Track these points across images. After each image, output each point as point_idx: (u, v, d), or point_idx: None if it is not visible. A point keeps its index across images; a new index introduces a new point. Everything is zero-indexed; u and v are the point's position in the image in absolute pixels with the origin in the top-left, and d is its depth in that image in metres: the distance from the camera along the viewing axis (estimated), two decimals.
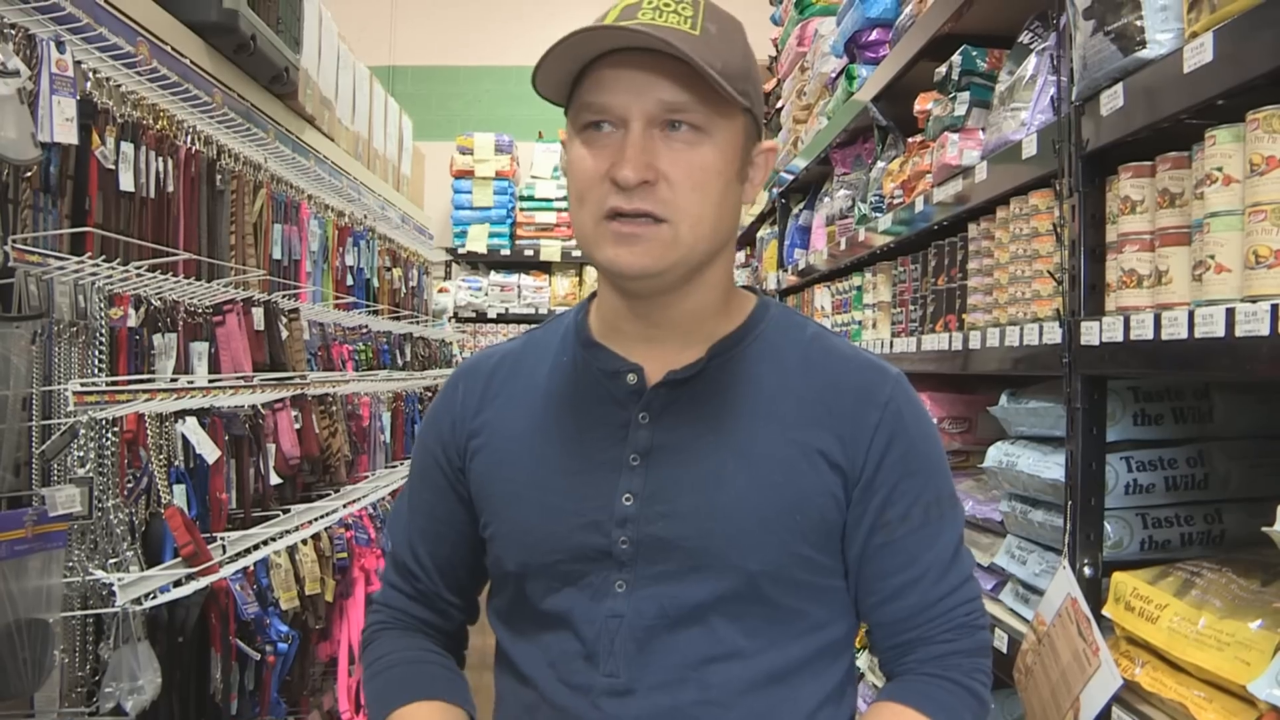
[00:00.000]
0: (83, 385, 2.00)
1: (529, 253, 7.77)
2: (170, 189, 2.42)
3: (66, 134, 1.95)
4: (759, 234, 5.38)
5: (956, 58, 2.27)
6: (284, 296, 3.17)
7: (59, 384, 1.97)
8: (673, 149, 1.14)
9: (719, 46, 1.13)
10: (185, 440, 2.34)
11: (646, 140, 1.13)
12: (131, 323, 2.22)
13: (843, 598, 1.26)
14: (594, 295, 1.32)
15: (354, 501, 3.49)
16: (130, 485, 2.12)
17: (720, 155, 1.16)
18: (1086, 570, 1.63)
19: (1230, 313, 1.23)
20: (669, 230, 1.14)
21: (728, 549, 1.19)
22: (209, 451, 2.37)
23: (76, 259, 1.98)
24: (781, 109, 4.53)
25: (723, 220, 1.19)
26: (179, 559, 2.13)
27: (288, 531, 2.79)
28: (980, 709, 1.24)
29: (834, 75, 3.54)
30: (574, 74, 1.17)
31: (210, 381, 2.51)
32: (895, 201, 2.71)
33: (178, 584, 2.11)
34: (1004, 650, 1.80)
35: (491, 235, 7.72)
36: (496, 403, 1.30)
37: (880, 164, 2.96)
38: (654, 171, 1.13)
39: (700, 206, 1.15)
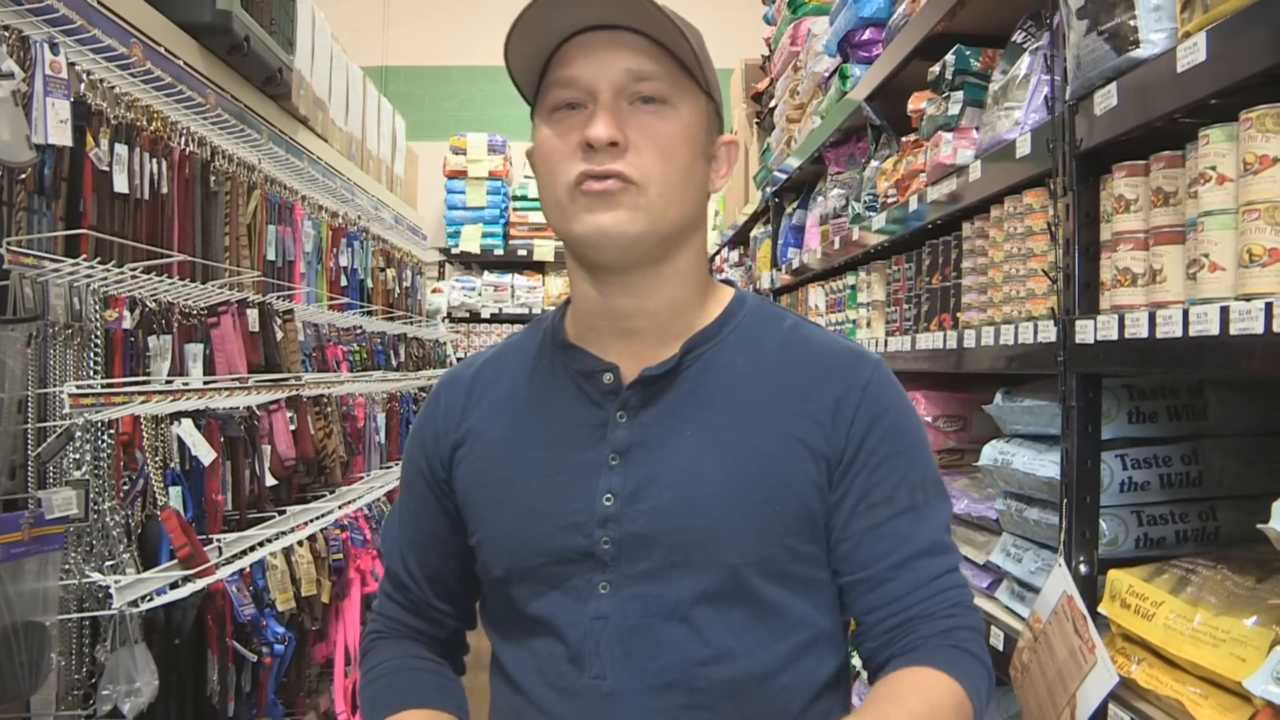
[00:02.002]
0: (78, 387, 2.00)
1: (522, 252, 7.77)
2: (164, 191, 2.42)
3: (61, 136, 1.94)
4: (753, 233, 5.39)
5: (950, 57, 2.27)
6: (278, 298, 3.17)
7: (54, 386, 1.97)
8: (640, 119, 1.17)
9: (683, 26, 1.17)
10: (181, 442, 2.34)
11: (615, 108, 1.16)
12: (126, 325, 2.22)
13: (830, 590, 1.25)
14: (569, 300, 1.32)
15: (349, 503, 3.49)
16: (126, 487, 2.12)
17: (685, 127, 1.19)
18: (1082, 568, 1.64)
19: (1224, 311, 1.24)
20: (638, 192, 1.16)
21: (708, 542, 1.18)
22: (205, 453, 2.37)
23: (71, 261, 1.98)
24: (774, 108, 4.53)
25: (689, 193, 1.21)
26: (175, 561, 2.13)
27: (284, 533, 2.79)
28: (988, 678, 1.21)
29: (827, 74, 3.54)
30: (543, 59, 1.20)
31: (205, 383, 2.51)
32: (889, 200, 2.72)
33: (174, 586, 2.11)
34: (1000, 648, 1.81)
35: (485, 235, 7.73)
36: (478, 411, 1.31)
37: (874, 163, 2.97)
38: (623, 136, 1.15)
39: (667, 173, 1.17)
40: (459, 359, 6.86)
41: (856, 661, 1.62)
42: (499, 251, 7.76)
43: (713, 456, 1.20)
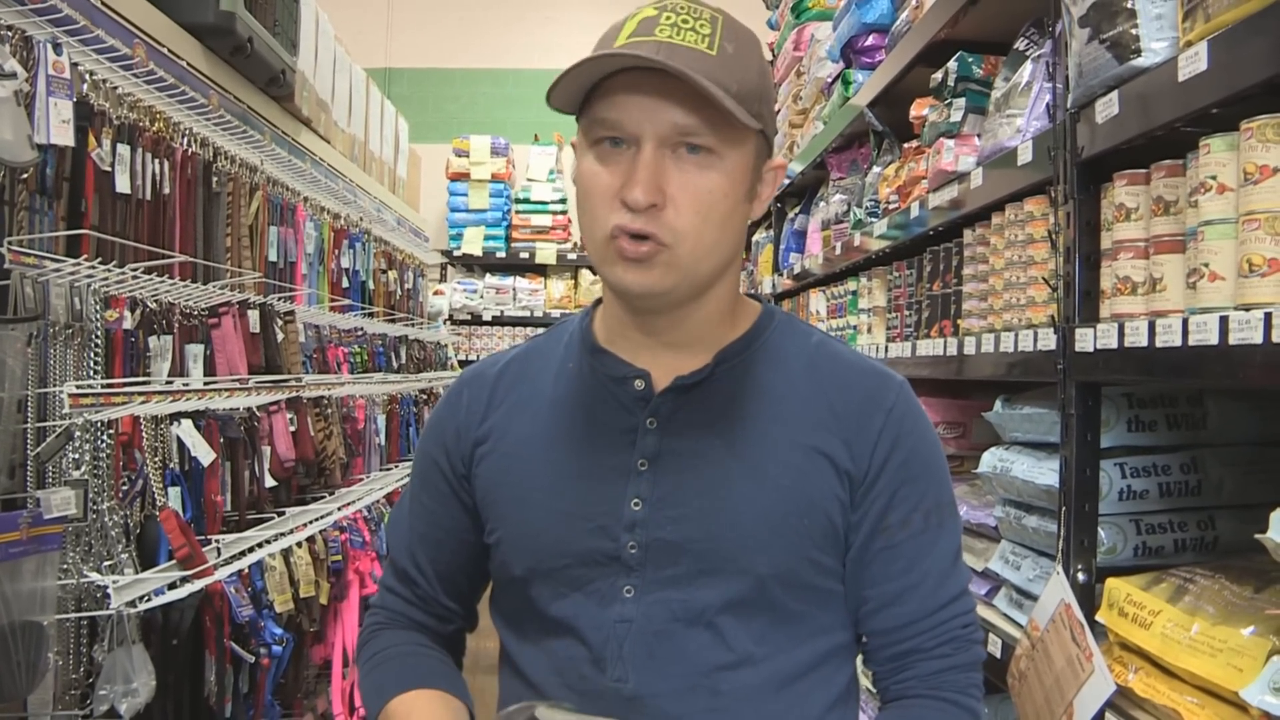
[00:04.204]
0: (78, 387, 2.00)
1: (524, 255, 7.77)
2: (166, 191, 2.42)
3: (63, 136, 1.95)
4: (754, 238, 5.39)
5: (952, 64, 2.27)
6: (280, 299, 3.17)
7: (54, 386, 1.97)
8: (683, 172, 1.14)
9: (734, 67, 1.13)
10: (180, 443, 2.33)
11: (657, 162, 1.13)
12: (127, 325, 2.22)
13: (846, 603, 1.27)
14: (599, 301, 1.32)
15: (349, 504, 3.49)
16: (125, 488, 2.12)
17: (728, 179, 1.16)
18: (1080, 576, 1.64)
19: (1224, 321, 1.24)
20: (669, 254, 1.15)
21: (737, 552, 1.19)
22: (204, 454, 2.37)
23: (72, 261, 1.98)
24: (777, 113, 4.54)
25: (724, 241, 1.19)
26: (174, 561, 2.13)
27: (282, 534, 2.79)
28: None
29: (830, 80, 3.55)
30: (586, 88, 1.18)
31: (206, 384, 2.51)
32: (891, 207, 2.72)
33: (172, 586, 2.11)
34: (998, 655, 1.81)
35: (487, 238, 7.72)
36: (502, 409, 1.31)
37: (876, 169, 2.97)
38: (662, 195, 1.13)
39: (702, 231, 1.15)
40: (460, 361, 6.87)
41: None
42: (501, 254, 7.75)
43: (742, 468, 1.21)
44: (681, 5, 1.15)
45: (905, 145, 2.70)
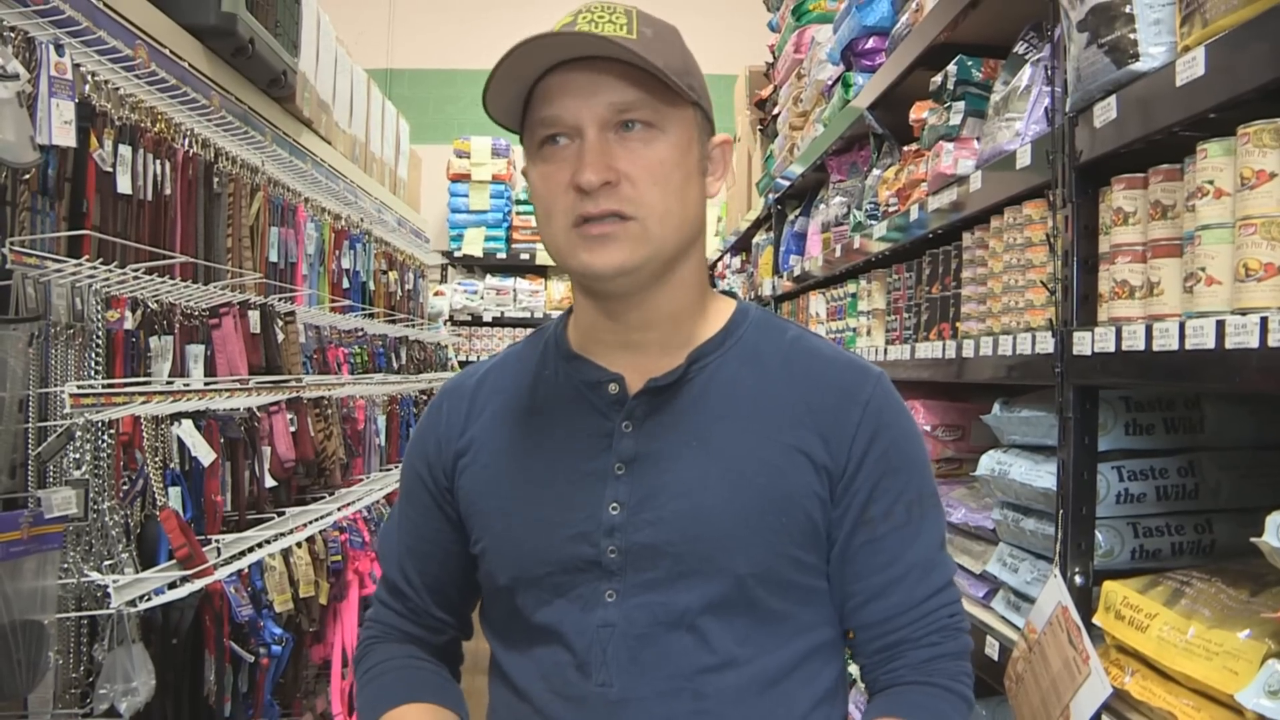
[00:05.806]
0: (79, 387, 2.00)
1: (525, 256, 7.78)
2: (168, 192, 2.43)
3: (65, 137, 1.95)
4: (755, 240, 5.39)
5: (952, 67, 2.28)
6: (280, 299, 3.17)
7: (55, 386, 1.97)
8: (629, 148, 1.17)
9: (657, 47, 1.17)
10: (181, 443, 2.34)
11: (602, 144, 1.16)
12: (128, 325, 2.22)
13: (831, 600, 1.27)
14: (572, 309, 1.33)
15: (348, 505, 3.50)
16: (126, 487, 2.12)
17: (676, 149, 1.19)
18: (1077, 579, 1.64)
19: (1220, 325, 1.24)
20: (637, 226, 1.17)
21: (715, 552, 1.19)
22: (204, 454, 2.38)
23: (74, 261, 1.99)
24: (778, 115, 4.54)
25: (687, 212, 1.21)
26: (174, 561, 2.13)
27: (282, 534, 2.79)
28: (967, 710, 1.26)
29: (830, 83, 3.55)
30: (523, 95, 1.20)
31: (206, 384, 2.52)
32: (890, 209, 2.72)
33: (172, 586, 2.11)
34: (995, 658, 1.81)
35: (487, 239, 7.73)
36: (481, 420, 1.32)
37: (876, 172, 2.97)
38: (615, 172, 1.15)
39: (664, 201, 1.18)
40: (460, 362, 6.88)
41: (852, 668, 1.63)
42: (501, 255, 7.76)
43: (719, 467, 1.21)
44: (596, 5, 1.19)
45: (905, 148, 2.70)
